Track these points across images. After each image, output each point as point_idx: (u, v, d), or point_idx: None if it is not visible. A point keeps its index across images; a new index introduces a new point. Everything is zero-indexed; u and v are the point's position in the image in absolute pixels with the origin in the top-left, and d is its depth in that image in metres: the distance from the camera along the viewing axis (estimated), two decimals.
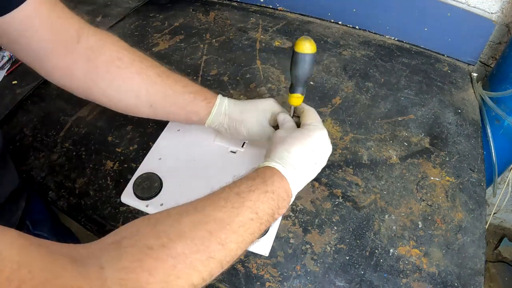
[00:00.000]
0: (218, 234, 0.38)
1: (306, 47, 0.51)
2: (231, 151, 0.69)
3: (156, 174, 0.65)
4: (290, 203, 0.48)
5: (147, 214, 0.63)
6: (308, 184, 0.66)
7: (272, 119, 0.60)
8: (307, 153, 0.49)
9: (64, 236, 0.86)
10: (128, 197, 0.64)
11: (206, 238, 0.37)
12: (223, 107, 0.59)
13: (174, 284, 0.34)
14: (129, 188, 0.65)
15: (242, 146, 0.70)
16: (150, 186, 0.64)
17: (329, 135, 0.74)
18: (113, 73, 0.54)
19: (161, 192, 0.64)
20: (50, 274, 0.27)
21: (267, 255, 0.57)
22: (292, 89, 0.57)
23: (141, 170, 0.67)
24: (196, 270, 0.36)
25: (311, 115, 0.55)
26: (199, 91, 0.59)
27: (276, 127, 0.59)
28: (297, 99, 0.58)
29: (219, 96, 0.61)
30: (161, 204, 0.62)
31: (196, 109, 0.59)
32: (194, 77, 0.89)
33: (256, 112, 0.60)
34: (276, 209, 0.44)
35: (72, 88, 0.55)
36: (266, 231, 0.58)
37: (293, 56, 0.52)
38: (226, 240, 0.38)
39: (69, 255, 0.30)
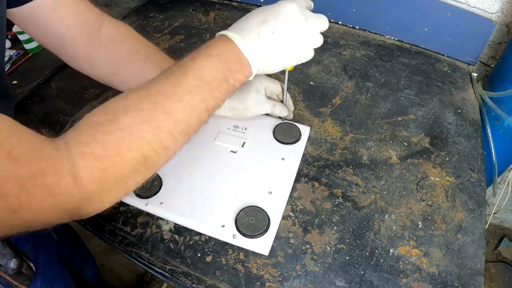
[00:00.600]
0: (163, 104, 0.39)
1: None
2: (231, 151, 0.69)
3: (156, 173, 0.65)
4: (253, 71, 0.46)
5: (148, 214, 0.63)
6: (308, 184, 0.66)
7: (268, 91, 0.67)
8: (261, 19, 0.46)
9: (68, 233, 0.86)
10: (127, 196, 0.64)
11: (151, 109, 0.39)
12: (226, 101, 0.62)
13: (127, 157, 0.37)
14: None
15: (242, 146, 0.70)
16: (150, 185, 0.64)
17: (329, 135, 0.75)
18: (132, 64, 0.57)
19: (160, 191, 0.63)
20: (35, 146, 0.34)
21: (267, 254, 0.57)
22: None
23: None
24: (146, 141, 0.38)
25: None
26: None
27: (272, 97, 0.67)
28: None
29: None
30: (161, 203, 0.62)
31: None
32: None
33: (255, 95, 0.65)
34: (228, 72, 0.43)
35: (92, 74, 0.58)
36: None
37: None
38: (171, 109, 0.39)
39: (47, 137, 0.37)
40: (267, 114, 0.73)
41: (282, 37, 0.46)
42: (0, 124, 0.33)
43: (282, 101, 0.72)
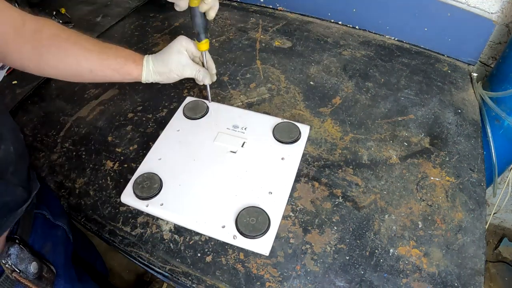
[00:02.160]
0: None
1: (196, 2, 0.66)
2: (231, 151, 0.69)
3: (156, 174, 0.65)
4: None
5: (148, 214, 0.63)
6: (308, 184, 0.66)
7: (190, 53, 0.70)
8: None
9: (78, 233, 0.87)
10: (128, 197, 0.64)
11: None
12: (150, 66, 0.67)
13: None
14: (129, 188, 0.65)
15: (242, 146, 0.70)
16: (150, 186, 0.64)
17: (329, 135, 0.75)
18: (55, 46, 0.61)
19: (161, 192, 0.64)
20: None
21: (267, 254, 0.57)
22: (198, 38, 0.69)
23: (141, 170, 0.67)
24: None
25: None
26: (129, 55, 0.67)
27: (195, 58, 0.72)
28: (204, 44, 0.69)
29: (145, 57, 0.68)
30: (161, 204, 0.62)
31: (129, 70, 0.66)
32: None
33: (177, 56, 0.68)
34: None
35: (24, 67, 0.61)
36: (266, 228, 0.58)
37: (191, 11, 0.69)
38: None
39: None
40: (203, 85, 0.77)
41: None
42: None
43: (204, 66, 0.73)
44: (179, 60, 0.68)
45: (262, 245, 0.57)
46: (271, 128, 0.73)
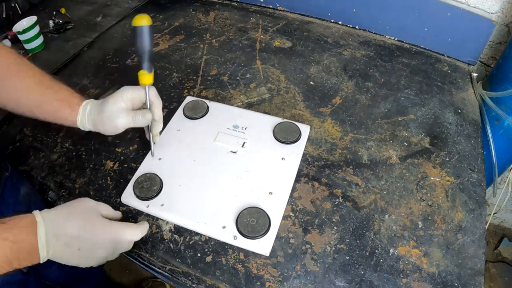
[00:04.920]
0: None
1: (142, 20, 0.58)
2: (231, 151, 0.69)
3: (157, 175, 0.65)
4: (41, 260, 0.46)
5: (148, 214, 0.63)
6: (308, 184, 0.66)
7: (133, 102, 0.62)
8: (75, 236, 0.47)
9: None
10: (128, 197, 0.64)
11: None
12: (86, 113, 0.62)
13: None
14: (129, 188, 0.65)
15: (243, 146, 0.70)
16: (150, 187, 0.64)
17: (329, 135, 0.75)
18: (2, 80, 0.59)
19: (161, 193, 0.63)
20: None
21: (267, 255, 0.57)
22: (139, 67, 0.60)
23: (141, 170, 0.67)
24: None
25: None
26: (67, 98, 0.62)
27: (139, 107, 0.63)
28: (144, 76, 0.60)
29: (85, 102, 0.62)
30: (162, 205, 0.62)
31: (64, 115, 0.62)
32: (194, 77, 0.89)
33: (111, 106, 0.60)
34: (15, 259, 0.43)
35: None
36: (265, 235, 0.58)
37: (134, 32, 0.58)
38: None
39: None
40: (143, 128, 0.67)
41: (84, 254, 0.49)
42: None
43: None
44: (112, 109, 0.59)
45: (263, 246, 0.57)
46: (271, 128, 0.73)
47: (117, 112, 0.60)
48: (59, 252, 0.47)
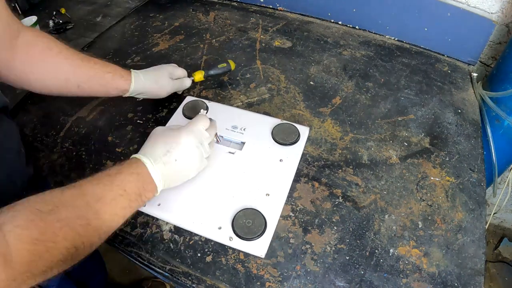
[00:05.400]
0: (94, 204, 0.46)
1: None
2: (229, 152, 0.69)
3: None
4: (158, 191, 0.55)
5: (148, 214, 0.63)
6: (308, 184, 0.66)
7: (175, 76, 0.77)
8: (165, 149, 0.55)
9: None
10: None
11: (84, 207, 0.45)
12: (140, 81, 0.71)
13: (61, 245, 0.40)
14: None
15: (241, 148, 0.70)
16: None
17: (329, 135, 0.75)
18: (45, 61, 0.61)
19: (158, 193, 0.63)
20: None
21: (263, 256, 0.57)
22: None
23: None
24: (78, 234, 0.43)
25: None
26: (116, 70, 0.69)
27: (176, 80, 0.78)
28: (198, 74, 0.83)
29: (132, 73, 0.71)
30: (159, 204, 0.62)
31: (116, 85, 0.69)
32: (192, 73, 0.89)
33: (167, 77, 0.75)
34: (142, 189, 0.51)
35: (10, 79, 0.60)
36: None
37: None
38: (100, 210, 0.46)
39: None
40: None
41: (182, 163, 0.57)
42: None
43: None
44: (168, 82, 0.75)
45: (258, 247, 0.57)
46: (270, 129, 0.72)
47: (167, 82, 0.75)
48: (166, 173, 0.55)
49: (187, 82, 0.80)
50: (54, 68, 0.62)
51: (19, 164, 0.59)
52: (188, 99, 0.80)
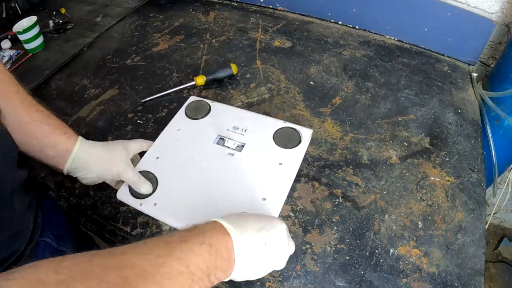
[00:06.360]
0: (135, 283, 0.32)
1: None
2: (229, 153, 0.68)
3: (153, 174, 0.65)
4: (233, 274, 0.41)
5: (146, 214, 0.63)
6: (308, 184, 0.66)
7: (130, 148, 0.63)
8: (259, 225, 0.44)
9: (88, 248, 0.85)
10: (123, 195, 0.64)
11: (119, 284, 0.31)
12: (86, 146, 0.57)
13: None
14: (125, 185, 0.64)
15: (241, 149, 0.69)
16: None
17: (329, 135, 0.75)
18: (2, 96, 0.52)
19: (155, 192, 0.63)
20: None
21: None
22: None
23: (138, 168, 0.67)
24: None
25: None
26: (60, 125, 0.57)
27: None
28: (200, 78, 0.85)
29: (80, 137, 0.58)
30: (155, 204, 0.62)
31: (55, 142, 0.55)
32: (194, 77, 0.89)
33: (122, 149, 0.61)
34: (213, 267, 0.38)
35: None
36: None
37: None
38: None
39: None
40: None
41: (271, 249, 0.44)
42: None
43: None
44: (125, 157, 0.61)
45: None
46: (271, 131, 0.71)
47: (121, 154, 0.61)
48: (252, 252, 0.42)
49: (130, 175, 0.61)
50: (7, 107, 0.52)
51: (7, 169, 0.51)
52: (192, 98, 0.80)
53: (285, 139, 0.70)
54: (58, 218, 0.66)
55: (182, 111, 0.77)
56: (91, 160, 0.57)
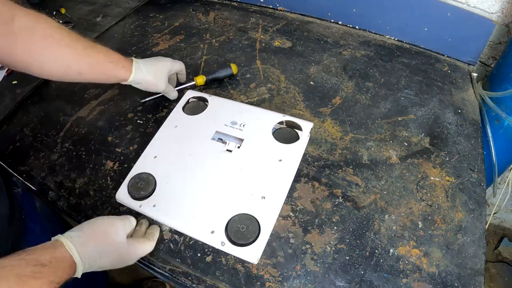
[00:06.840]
0: None
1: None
2: (227, 150, 0.68)
3: (151, 174, 0.65)
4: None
5: (143, 215, 0.63)
6: (308, 184, 0.66)
7: (173, 70, 0.80)
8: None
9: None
10: (122, 196, 0.64)
11: None
12: (140, 73, 0.72)
13: None
14: (123, 187, 0.64)
15: (239, 146, 0.69)
16: (144, 186, 0.63)
17: (329, 135, 0.75)
18: (47, 49, 0.61)
19: (154, 193, 0.63)
20: None
21: (255, 262, 0.56)
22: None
23: (136, 169, 0.67)
24: None
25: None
26: (119, 60, 0.70)
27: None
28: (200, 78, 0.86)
29: (134, 64, 0.72)
30: (154, 205, 0.62)
31: (117, 75, 0.70)
32: (194, 77, 0.90)
33: (165, 74, 0.77)
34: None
35: (12, 64, 0.60)
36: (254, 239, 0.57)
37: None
38: None
39: None
40: None
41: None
42: None
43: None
44: (165, 77, 0.77)
45: (251, 253, 0.56)
46: (271, 126, 0.71)
47: (164, 79, 0.77)
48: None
49: (174, 94, 0.83)
50: (56, 56, 0.62)
51: None
52: (189, 94, 0.80)
53: (285, 133, 0.69)
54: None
55: (179, 106, 0.77)
56: (142, 82, 0.74)
